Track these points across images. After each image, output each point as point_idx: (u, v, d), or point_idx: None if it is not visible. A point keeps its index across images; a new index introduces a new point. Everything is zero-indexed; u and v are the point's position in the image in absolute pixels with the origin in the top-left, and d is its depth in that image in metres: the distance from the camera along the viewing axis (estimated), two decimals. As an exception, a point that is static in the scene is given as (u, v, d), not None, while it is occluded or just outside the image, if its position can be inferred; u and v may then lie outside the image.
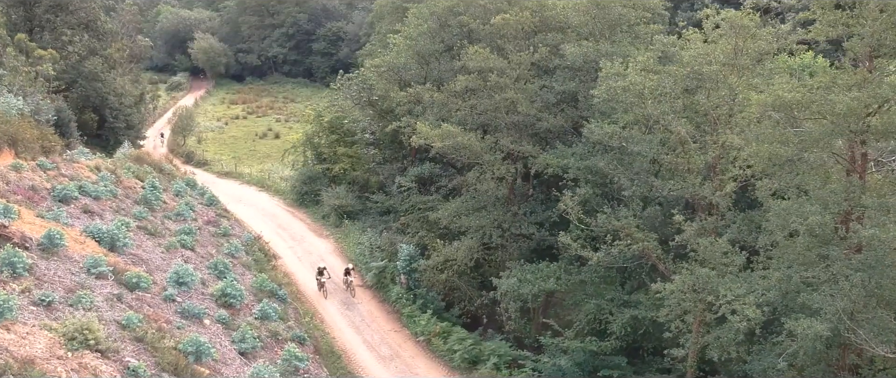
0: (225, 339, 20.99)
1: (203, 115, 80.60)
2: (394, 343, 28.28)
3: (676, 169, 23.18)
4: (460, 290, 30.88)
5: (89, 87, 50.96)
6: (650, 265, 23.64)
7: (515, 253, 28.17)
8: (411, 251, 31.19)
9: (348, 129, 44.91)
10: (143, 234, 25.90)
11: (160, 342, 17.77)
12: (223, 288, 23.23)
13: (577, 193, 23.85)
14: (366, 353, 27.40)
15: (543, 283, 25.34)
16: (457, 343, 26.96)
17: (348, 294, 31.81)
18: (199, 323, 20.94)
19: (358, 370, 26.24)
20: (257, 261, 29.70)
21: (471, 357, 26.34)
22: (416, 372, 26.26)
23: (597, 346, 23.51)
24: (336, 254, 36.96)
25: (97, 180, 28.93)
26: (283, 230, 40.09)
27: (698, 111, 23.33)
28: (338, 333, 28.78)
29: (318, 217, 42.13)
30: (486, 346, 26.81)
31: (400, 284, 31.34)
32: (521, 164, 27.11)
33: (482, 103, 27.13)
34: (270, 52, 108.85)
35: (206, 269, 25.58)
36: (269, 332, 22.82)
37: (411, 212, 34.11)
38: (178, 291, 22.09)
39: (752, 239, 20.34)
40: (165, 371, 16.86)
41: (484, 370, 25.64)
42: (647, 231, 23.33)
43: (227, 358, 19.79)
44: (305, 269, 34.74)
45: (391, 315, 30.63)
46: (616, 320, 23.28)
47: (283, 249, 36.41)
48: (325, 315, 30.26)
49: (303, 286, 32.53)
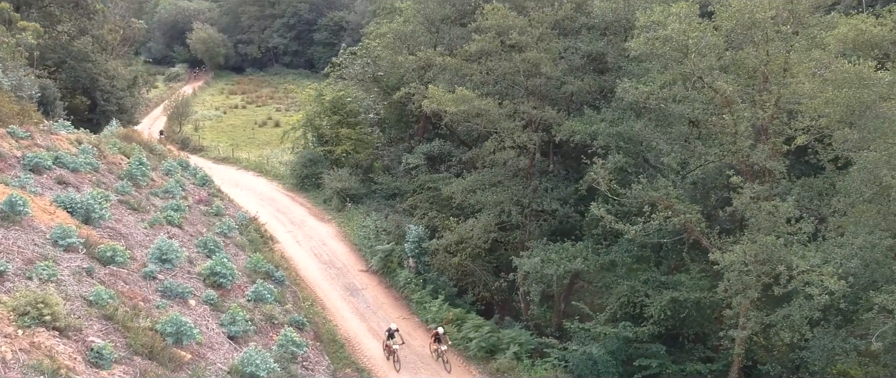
0: (212, 321, 18.43)
1: (201, 104, 78.02)
2: (403, 331, 25.64)
3: (722, 132, 20.60)
4: (474, 274, 28.28)
5: (79, 68, 48.33)
6: (691, 242, 21.03)
7: (535, 232, 25.56)
8: (420, 233, 28.60)
9: (351, 109, 42.38)
10: (124, 209, 23.33)
11: (133, 321, 15.22)
12: (212, 266, 20.66)
13: (609, 161, 21.21)
14: (371, 342, 24.81)
15: (569, 263, 22.74)
16: (472, 331, 24.35)
17: (437, 364, 23.24)
18: (183, 303, 18.37)
19: (363, 360, 23.65)
20: (252, 241, 27.13)
21: (488, 346, 23.74)
22: (429, 362, 23.64)
23: (632, 332, 20.89)
24: (338, 238, 34.37)
25: (77, 153, 26.35)
26: (282, 214, 37.51)
27: (746, 68, 20.72)
28: (341, 321, 26.19)
29: (319, 201, 39.54)
30: (504, 333, 24.20)
31: (408, 269, 28.75)
32: (543, 134, 24.46)
33: (500, 66, 24.52)
34: (271, 43, 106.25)
35: (194, 248, 23.02)
36: (263, 316, 20.25)
37: (420, 192, 31.53)
38: (161, 269, 19.54)
39: (815, 206, 17.77)
40: (138, 354, 14.30)
41: (503, 360, 23.03)
42: (688, 203, 20.75)
43: (213, 342, 17.23)
44: (305, 254, 32.18)
45: (399, 301, 28.04)
46: (653, 303, 20.67)
47: (281, 234, 33.83)
48: (327, 301, 27.67)
49: (303, 271, 29.96)
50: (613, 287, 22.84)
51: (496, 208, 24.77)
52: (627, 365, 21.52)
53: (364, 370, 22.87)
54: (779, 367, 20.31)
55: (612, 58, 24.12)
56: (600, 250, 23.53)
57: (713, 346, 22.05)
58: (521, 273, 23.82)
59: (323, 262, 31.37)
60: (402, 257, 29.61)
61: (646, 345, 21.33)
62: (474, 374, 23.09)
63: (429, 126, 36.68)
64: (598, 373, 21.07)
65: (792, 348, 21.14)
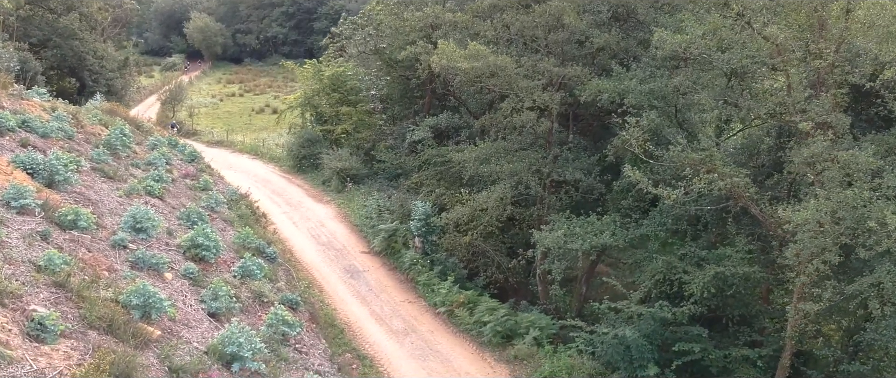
0: (191, 297, 15.96)
1: (197, 92, 75.66)
2: (408, 316, 23.22)
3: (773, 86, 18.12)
4: (486, 255, 25.79)
5: (65, 46, 46.04)
6: (738, 210, 18.54)
7: (555, 206, 23.08)
8: (427, 210, 26.13)
9: (352, 86, 39.94)
10: (97, 177, 20.89)
11: (90, 290, 12.76)
12: (193, 237, 18.18)
13: (643, 119, 18.72)
14: (374, 327, 22.34)
15: (596, 237, 20.25)
16: (486, 314, 21.87)
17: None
18: (157, 276, 15.90)
19: (365, 347, 21.18)
20: (242, 217, 24.68)
21: (505, 330, 21.25)
22: (437, 349, 21.18)
23: (670, 312, 18.40)
24: (338, 219, 31.91)
25: (50, 120, 23.89)
26: (277, 196, 35.07)
27: (799, 12, 18.22)
28: (340, 305, 23.72)
29: (317, 183, 37.09)
30: (522, 317, 21.72)
31: (414, 249, 26.28)
32: (565, 95, 21.97)
33: (518, 21, 22.03)
34: (270, 32, 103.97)
35: (175, 221, 20.56)
36: (251, 294, 17.79)
37: (426, 167, 29.05)
38: (134, 238, 17.09)
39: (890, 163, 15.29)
40: (93, 328, 11.83)
41: (521, 346, 20.56)
42: (734, 166, 18.27)
43: (190, 319, 14.76)
44: (302, 235, 29.72)
45: (404, 284, 25.56)
46: (694, 280, 18.16)
47: (277, 215, 31.37)
48: (326, 284, 25.20)
49: (299, 253, 27.49)
50: (646, 264, 20.36)
51: (513, 179, 22.27)
52: (663, 351, 19.03)
53: (365, 356, 20.40)
54: (837, 351, 17.83)
55: (643, 10, 21.65)
56: (630, 224, 21.04)
57: (759, 328, 19.59)
58: (540, 249, 21.34)
59: (321, 244, 28.93)
60: (407, 237, 27.16)
61: (685, 328, 18.84)
62: (489, 362, 20.62)
63: (434, 101, 34.24)
64: (631, 359, 18.58)
65: (848, 332, 18.77)
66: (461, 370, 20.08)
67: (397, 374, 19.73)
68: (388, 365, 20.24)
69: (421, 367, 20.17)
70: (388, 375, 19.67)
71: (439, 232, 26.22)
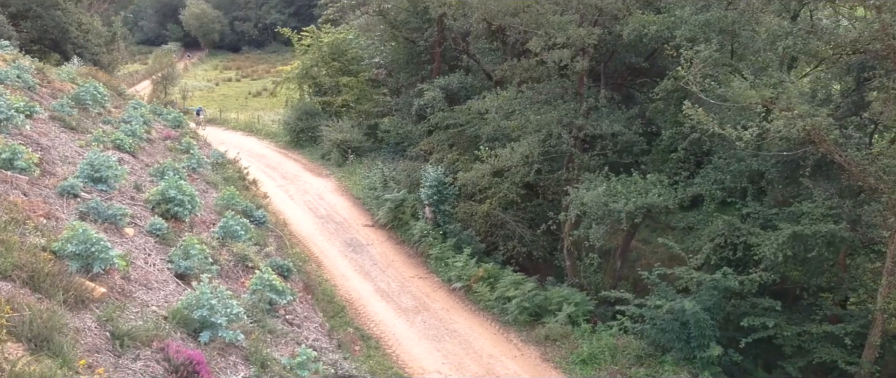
0: (157, 255, 12.93)
1: (192, 78, 72.58)
2: (418, 292, 20.17)
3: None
4: (506, 226, 22.74)
5: (46, 16, 42.99)
6: (816, 159, 15.48)
7: (587, 166, 20.01)
8: (439, 175, 23.07)
9: (354, 55, 36.92)
10: (56, 126, 17.88)
11: (10, 233, 9.74)
12: (164, 190, 15.15)
13: (702, 50, 15.64)
14: (380, 305, 19.30)
15: (641, 197, 17.19)
16: (511, 288, 18.81)
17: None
18: (114, 230, 12.89)
19: (370, 326, 18.15)
20: (228, 180, 21.62)
21: (533, 307, 18.20)
22: (454, 328, 18.13)
23: (736, 281, 15.34)
24: (338, 192, 28.85)
25: (8, 69, 20.86)
26: (272, 170, 32.04)
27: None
28: (341, 280, 20.67)
29: (316, 157, 34.06)
30: (553, 291, 18.68)
31: (424, 219, 23.22)
32: (602, 32, 18.89)
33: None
34: (268, 20, 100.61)
35: (147, 177, 17.53)
36: (233, 256, 14.75)
37: (436, 130, 26.00)
38: (90, 188, 14.08)
39: None
40: (8, 279, 8.81)
41: (553, 325, 17.50)
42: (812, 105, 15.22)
43: (151, 279, 11.71)
44: (298, 208, 26.68)
45: (413, 258, 22.51)
46: (766, 243, 15.12)
47: (271, 189, 28.29)
48: (325, 259, 22.16)
49: (295, 225, 24.42)
50: (701, 228, 17.29)
51: (541, 132, 19.22)
52: (724, 328, 15.96)
53: (370, 337, 17.35)
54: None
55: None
56: (678, 183, 17.99)
57: (838, 300, 16.57)
58: (573, 212, 18.26)
59: (319, 217, 25.88)
60: (415, 207, 24.11)
61: (752, 300, 15.79)
62: (514, 343, 17.56)
63: (444, 65, 31.16)
64: (688, 338, 15.50)
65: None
66: (483, 352, 17.03)
67: (409, 357, 16.69)
68: (397, 346, 17.20)
69: (435, 349, 17.12)
70: (397, 358, 16.62)
71: (453, 200, 23.17)
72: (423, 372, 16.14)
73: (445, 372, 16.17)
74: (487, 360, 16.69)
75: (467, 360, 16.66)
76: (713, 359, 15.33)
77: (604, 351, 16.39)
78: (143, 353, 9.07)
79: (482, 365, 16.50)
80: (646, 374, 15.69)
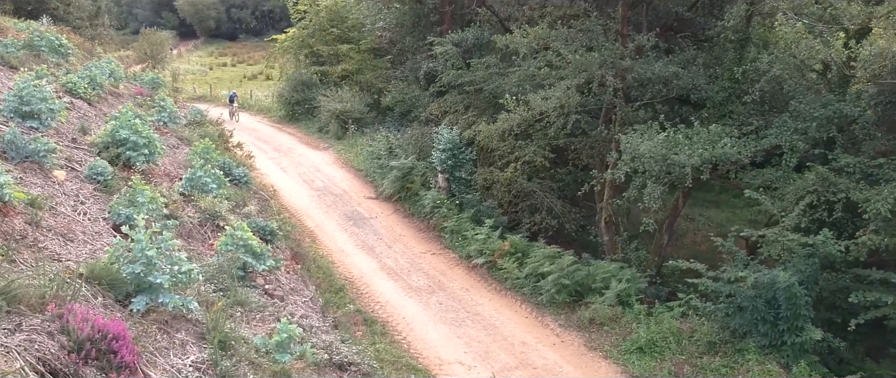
0: (93, 204, 9.74)
1: (186, 62, 69.42)
2: (432, 269, 16.95)
3: None
4: (532, 197, 19.52)
5: (23, -15, 39.69)
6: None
7: (632, 119, 16.78)
8: (454, 138, 19.87)
9: (354, 22, 33.68)
10: (-10, 62, 14.66)
11: None
12: (113, 131, 11.93)
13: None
14: (386, 284, 16.07)
15: (708, 149, 13.95)
16: (545, 263, 15.55)
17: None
18: (39, 172, 9.68)
19: (375, 308, 14.92)
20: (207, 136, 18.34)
21: (573, 284, 14.95)
22: (477, 311, 14.90)
23: (838, 248, 12.09)
24: (337, 164, 25.63)
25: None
26: (264, 143, 28.83)
27: None
28: (340, 257, 17.44)
29: (312, 130, 30.83)
30: (597, 266, 15.43)
31: (437, 188, 20.01)
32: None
33: None
34: (266, 7, 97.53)
35: (101, 124, 14.30)
36: (199, 212, 11.53)
37: (449, 90, 22.75)
38: (14, 121, 10.87)
39: None
40: None
41: (600, 307, 14.26)
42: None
43: (78, 229, 8.50)
44: (291, 180, 23.46)
45: (424, 232, 19.28)
46: (878, 198, 11.89)
47: (262, 162, 25.01)
48: (321, 233, 18.94)
49: (287, 197, 21.20)
50: (782, 186, 14.04)
51: (580, 76, 15.97)
52: (816, 308, 12.69)
53: (375, 320, 14.12)
54: None
55: None
56: (749, 134, 14.77)
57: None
58: (621, 169, 14.97)
59: (315, 189, 22.66)
60: (426, 176, 20.89)
61: (856, 271, 12.56)
62: (552, 328, 14.33)
63: (454, 24, 27.89)
64: (776, 318, 12.23)
65: None
66: (513, 338, 13.80)
67: (422, 345, 13.46)
68: (408, 332, 13.96)
69: (455, 335, 13.89)
70: (409, 346, 13.39)
71: (470, 166, 19.96)
72: (440, 363, 12.91)
73: (469, 362, 12.94)
74: (520, 349, 13.46)
75: (495, 349, 13.42)
76: (809, 345, 12.09)
77: (666, 336, 13.15)
78: (28, 322, 5.85)
79: (514, 354, 13.27)
80: (722, 366, 12.43)
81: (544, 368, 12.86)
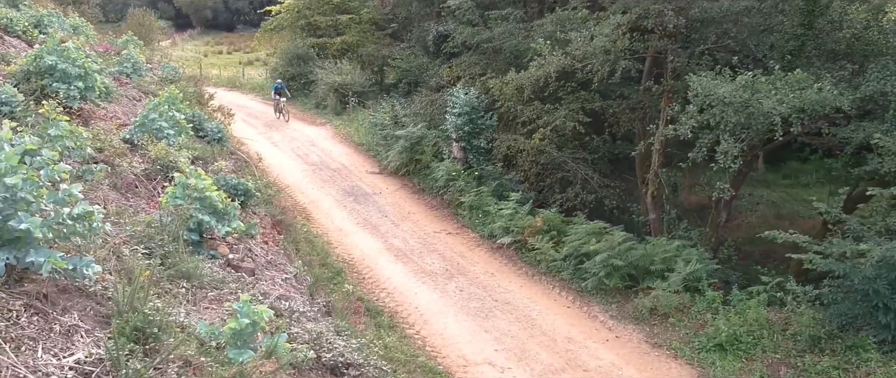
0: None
1: (180, 50, 66.58)
2: (448, 251, 14.06)
3: None
4: (564, 168, 16.64)
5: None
6: None
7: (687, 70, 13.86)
8: (472, 100, 16.98)
9: (353, -8, 30.84)
10: None
11: None
12: (37, 55, 9.04)
13: None
14: (394, 267, 13.18)
15: (800, 96, 11.04)
16: (590, 241, 12.65)
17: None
18: None
19: (380, 295, 12.06)
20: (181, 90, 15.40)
21: (627, 267, 12.05)
22: (506, 298, 12.01)
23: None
24: (335, 139, 22.75)
25: None
26: (253, 118, 26.00)
27: None
28: (339, 237, 14.56)
29: (309, 106, 27.95)
30: (656, 244, 12.54)
31: (452, 158, 17.14)
32: None
33: None
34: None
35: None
36: (148, 163, 8.61)
37: (464, 53, 19.89)
38: None
39: None
40: None
41: (662, 293, 11.37)
42: None
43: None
44: (283, 155, 20.60)
45: (437, 210, 16.40)
46: None
47: (251, 136, 22.09)
48: (316, 210, 16.06)
49: (279, 172, 18.28)
50: (890, 143, 11.12)
51: (631, 13, 13.07)
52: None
53: (380, 311, 11.24)
54: None
55: None
56: (841, 81, 11.87)
57: None
58: (687, 123, 12.03)
59: (310, 164, 19.79)
60: (439, 145, 18.00)
61: None
62: (601, 320, 11.43)
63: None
64: (891, 308, 9.34)
65: None
66: (556, 333, 10.92)
67: (440, 341, 10.60)
68: (422, 324, 11.09)
69: (482, 330, 11.00)
70: (424, 342, 10.51)
71: (490, 133, 17.08)
72: (465, 363, 10.04)
73: (501, 363, 10.06)
74: (565, 346, 10.57)
75: (533, 346, 10.54)
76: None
77: (753, 330, 10.26)
78: None
79: (558, 353, 10.38)
80: (831, 367, 9.53)
81: (599, 371, 9.97)
